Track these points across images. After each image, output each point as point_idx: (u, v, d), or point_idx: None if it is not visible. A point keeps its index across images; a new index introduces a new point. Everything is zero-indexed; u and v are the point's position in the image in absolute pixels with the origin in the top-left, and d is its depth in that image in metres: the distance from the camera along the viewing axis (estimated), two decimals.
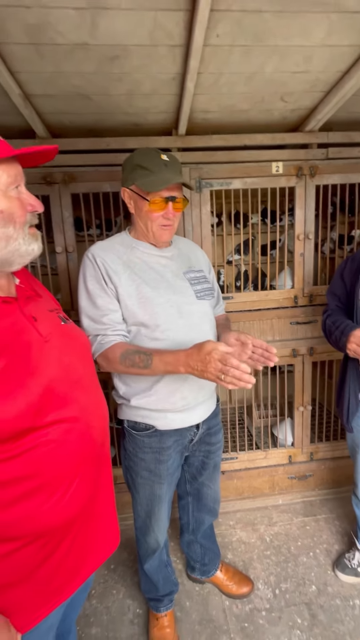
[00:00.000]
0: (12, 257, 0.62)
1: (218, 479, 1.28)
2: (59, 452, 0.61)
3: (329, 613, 1.30)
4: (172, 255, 1.07)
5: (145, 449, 1.04)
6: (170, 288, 1.00)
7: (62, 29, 0.86)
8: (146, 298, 0.97)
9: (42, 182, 1.38)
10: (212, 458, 1.20)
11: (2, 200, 0.59)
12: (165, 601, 1.25)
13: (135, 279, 0.98)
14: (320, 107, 1.31)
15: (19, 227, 0.62)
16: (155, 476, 1.06)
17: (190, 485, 1.26)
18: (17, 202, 0.61)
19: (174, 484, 1.14)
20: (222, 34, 0.91)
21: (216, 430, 1.18)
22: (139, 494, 1.10)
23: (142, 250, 1.03)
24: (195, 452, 1.17)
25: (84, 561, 0.69)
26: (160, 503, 1.10)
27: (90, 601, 1.39)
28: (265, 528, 1.68)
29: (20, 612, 0.61)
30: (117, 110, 1.27)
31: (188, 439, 1.10)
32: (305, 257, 1.58)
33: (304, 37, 0.94)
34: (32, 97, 1.15)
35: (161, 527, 1.15)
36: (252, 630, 1.26)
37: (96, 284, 0.97)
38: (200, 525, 1.32)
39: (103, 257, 0.97)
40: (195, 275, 1.08)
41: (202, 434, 1.13)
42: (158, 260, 1.04)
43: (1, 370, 0.56)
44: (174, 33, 0.89)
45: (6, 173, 0.59)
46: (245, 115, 1.36)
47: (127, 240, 1.04)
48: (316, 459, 1.80)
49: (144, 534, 1.16)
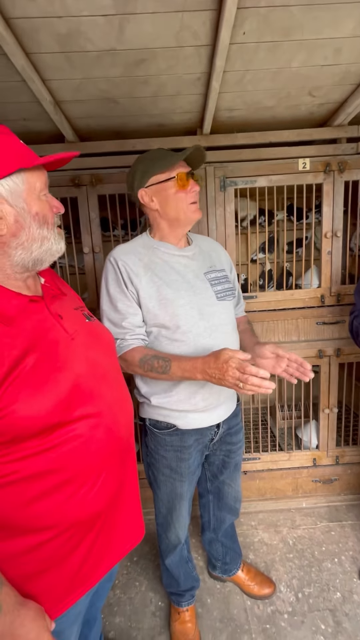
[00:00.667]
0: (45, 256, 0.67)
1: (239, 478, 1.28)
2: (87, 447, 0.63)
3: (354, 621, 1.27)
4: (193, 255, 1.07)
5: (166, 447, 1.06)
6: (191, 289, 1.01)
7: (92, 36, 0.88)
8: (167, 300, 0.97)
9: (71, 184, 1.43)
10: (233, 457, 1.20)
11: (38, 203, 0.64)
12: (186, 596, 1.27)
13: (156, 281, 0.99)
14: (350, 100, 1.26)
15: (51, 227, 0.66)
16: (176, 474, 1.08)
17: (211, 484, 1.27)
18: (47, 206, 0.66)
19: (194, 481, 1.15)
20: (249, 31, 0.90)
21: (237, 430, 1.18)
22: (160, 490, 1.12)
23: (163, 251, 1.04)
24: (216, 451, 1.17)
25: (109, 551, 0.71)
26: (181, 500, 1.12)
27: (114, 591, 1.43)
28: (288, 530, 1.66)
29: (51, 599, 0.63)
30: (142, 112, 1.29)
31: (209, 437, 1.10)
32: (333, 255, 1.54)
33: (333, 29, 0.92)
34: (62, 104, 1.19)
35: (182, 523, 1.16)
36: (273, 632, 1.25)
37: (117, 288, 0.99)
38: (221, 523, 1.33)
39: (125, 260, 0.99)
40: (216, 276, 1.07)
41: (222, 434, 1.13)
42: (179, 260, 1.04)
43: (31, 367, 0.58)
44: (200, 33, 0.89)
45: (39, 180, 0.64)
46: (271, 111, 1.34)
47: (148, 242, 1.06)
48: (342, 463, 1.75)
49: (165, 530, 1.18)
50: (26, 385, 0.57)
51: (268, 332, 1.62)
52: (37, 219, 0.63)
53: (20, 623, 0.55)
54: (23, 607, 0.57)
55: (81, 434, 0.62)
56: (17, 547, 0.60)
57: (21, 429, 0.56)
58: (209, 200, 1.48)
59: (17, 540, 0.60)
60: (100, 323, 0.82)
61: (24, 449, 0.58)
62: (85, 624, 0.92)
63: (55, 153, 0.65)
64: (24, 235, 0.62)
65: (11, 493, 0.58)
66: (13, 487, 0.58)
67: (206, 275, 1.06)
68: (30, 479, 0.59)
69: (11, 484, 0.58)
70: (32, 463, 0.58)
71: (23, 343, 0.59)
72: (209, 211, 1.49)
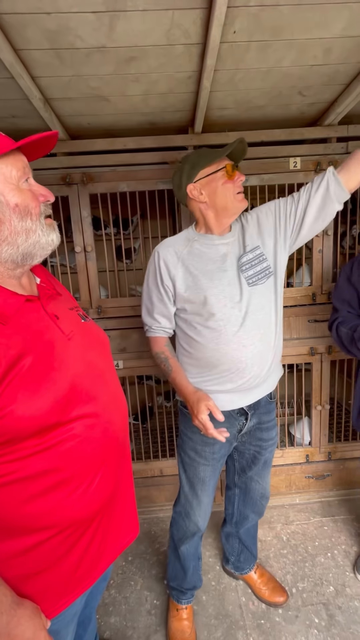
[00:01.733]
0: (34, 250, 0.63)
1: (268, 476, 1.27)
2: (83, 447, 0.63)
3: (347, 614, 1.29)
4: (232, 241, 1.09)
5: (193, 429, 1.10)
6: (225, 278, 1.04)
7: (82, 33, 0.87)
8: (201, 289, 1.03)
9: (62, 182, 1.42)
10: (264, 454, 1.20)
11: (16, 194, 0.59)
12: (188, 594, 1.28)
13: (193, 271, 1.05)
14: (340, 99, 1.27)
15: (36, 218, 0.62)
16: (200, 457, 1.11)
17: (239, 478, 1.28)
18: (29, 194, 0.62)
19: (218, 469, 1.16)
20: (239, 30, 0.90)
21: (269, 427, 1.18)
22: (185, 473, 1.16)
23: (202, 242, 1.08)
24: (246, 444, 1.19)
25: (105, 550, 0.71)
26: (203, 485, 1.14)
27: (109, 591, 1.43)
28: (282, 526, 1.68)
29: (48, 599, 0.63)
30: (134, 111, 1.28)
31: (237, 428, 1.12)
32: (324, 254, 1.56)
33: (323, 29, 0.92)
34: (51, 101, 1.18)
35: (202, 510, 1.17)
36: (268, 627, 1.26)
37: (153, 282, 1.09)
38: (243, 520, 1.33)
39: (164, 254, 1.07)
40: (248, 258, 1.06)
41: (252, 427, 1.14)
42: (218, 250, 1.07)
43: (29, 367, 0.57)
44: (191, 31, 0.89)
45: (15, 167, 0.60)
46: (262, 110, 1.35)
47: (191, 235, 1.11)
48: (334, 459, 1.77)
49: (184, 516, 1.19)
50: (24, 386, 0.56)
51: None
52: (17, 211, 0.59)
53: (16, 622, 0.55)
54: (19, 607, 0.57)
55: (78, 433, 0.62)
56: (14, 548, 0.60)
57: (19, 430, 0.56)
58: None
59: (14, 541, 0.60)
60: (95, 323, 0.81)
61: (21, 449, 0.57)
62: (79, 624, 0.91)
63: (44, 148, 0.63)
64: (6, 229, 0.59)
65: (8, 493, 0.58)
66: (10, 487, 0.58)
67: (239, 260, 1.06)
68: (27, 479, 0.58)
69: (8, 484, 0.58)
70: (29, 463, 0.58)
71: (20, 343, 0.58)
72: None
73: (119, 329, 1.58)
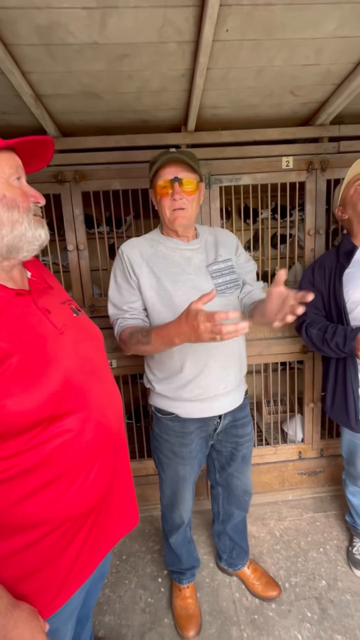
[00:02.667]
0: (20, 243, 0.63)
1: (248, 471, 1.29)
2: (78, 442, 0.63)
3: (339, 607, 1.31)
4: (198, 248, 1.09)
5: (169, 432, 1.11)
6: (190, 281, 1.03)
7: (73, 29, 0.87)
8: (165, 291, 1.02)
9: (53, 180, 1.41)
10: (241, 450, 1.21)
11: (5, 187, 0.61)
12: (187, 574, 1.33)
13: (156, 272, 1.03)
14: (331, 100, 1.29)
15: (23, 211, 0.63)
16: (178, 457, 1.12)
17: (220, 475, 1.29)
18: (19, 191, 0.63)
19: (197, 466, 1.18)
20: (232, 28, 0.90)
21: (244, 423, 1.19)
22: (164, 473, 1.17)
23: (167, 245, 1.08)
24: (222, 442, 1.20)
25: (101, 544, 0.71)
26: (184, 483, 1.16)
27: (103, 590, 1.42)
28: (275, 523, 1.69)
29: (45, 597, 0.63)
30: (127, 108, 1.28)
31: (212, 427, 1.14)
32: (316, 253, 1.57)
33: (314, 29, 0.93)
34: (43, 97, 1.16)
35: (185, 505, 1.21)
36: (262, 622, 1.28)
37: (123, 277, 1.06)
38: (229, 517, 1.35)
39: (129, 252, 1.05)
40: (219, 267, 1.08)
41: (227, 425, 1.16)
42: (182, 254, 1.07)
43: (20, 362, 0.57)
44: (183, 29, 0.89)
45: (7, 164, 0.62)
46: (255, 110, 1.35)
47: (156, 237, 1.10)
48: (326, 456, 1.80)
49: (170, 510, 1.23)
50: (15, 381, 0.56)
51: (254, 329, 1.64)
52: (4, 202, 0.60)
53: (13, 625, 0.54)
54: (16, 609, 0.56)
55: (71, 428, 0.62)
56: (8, 547, 0.59)
57: (11, 425, 0.55)
58: None
59: (10, 540, 0.59)
60: (87, 317, 0.80)
61: (14, 446, 0.57)
62: (77, 622, 0.91)
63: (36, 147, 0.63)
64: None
65: (2, 491, 0.57)
66: (4, 485, 0.57)
67: (208, 267, 1.07)
68: (21, 476, 0.58)
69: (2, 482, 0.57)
70: (23, 459, 0.57)
71: (10, 338, 0.58)
72: None
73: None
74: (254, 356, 1.63)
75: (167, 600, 1.38)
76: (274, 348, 1.63)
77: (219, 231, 1.19)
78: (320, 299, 1.34)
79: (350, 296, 1.23)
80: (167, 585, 1.44)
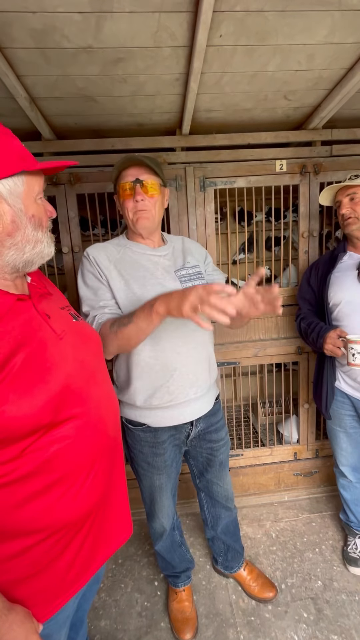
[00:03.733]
0: (35, 259, 0.66)
1: (227, 477, 1.29)
2: (75, 447, 0.63)
3: (334, 608, 1.31)
4: (166, 254, 1.09)
5: (142, 443, 1.10)
6: (158, 285, 1.02)
7: (68, 33, 0.87)
8: (134, 294, 1.00)
9: (48, 182, 1.40)
10: (217, 455, 1.21)
11: (34, 206, 0.64)
12: (182, 577, 1.33)
13: (125, 275, 1.02)
14: (323, 104, 1.31)
15: (45, 230, 0.67)
16: (153, 468, 1.11)
17: (200, 481, 1.29)
18: (42, 209, 0.67)
19: (174, 474, 1.17)
20: (225, 34, 0.91)
21: (217, 428, 1.19)
22: (142, 482, 1.17)
23: (134, 250, 1.06)
24: (196, 448, 1.19)
25: (98, 551, 0.71)
26: (161, 492, 1.15)
27: (99, 595, 1.41)
28: (271, 524, 1.70)
29: (40, 602, 0.63)
30: (122, 112, 1.28)
31: (184, 434, 1.13)
32: (309, 255, 1.59)
33: (306, 36, 0.95)
34: (37, 100, 1.17)
35: (165, 513, 1.19)
36: (258, 623, 1.28)
37: (93, 277, 1.02)
38: (217, 520, 1.34)
39: (95, 255, 1.03)
40: (187, 272, 1.08)
41: (200, 432, 1.15)
42: (149, 259, 1.06)
43: (20, 367, 0.57)
44: (178, 34, 0.90)
45: (38, 184, 0.65)
46: (249, 114, 1.37)
47: (123, 242, 1.09)
48: (322, 456, 1.81)
49: (150, 519, 1.23)
50: (15, 386, 0.56)
51: (249, 330, 1.65)
52: (33, 221, 0.64)
53: (8, 628, 0.55)
54: (11, 612, 0.56)
55: (70, 434, 0.62)
56: (5, 552, 0.59)
57: (11, 430, 0.55)
58: (189, 200, 1.49)
59: (5, 545, 0.59)
60: (86, 323, 0.81)
61: (13, 451, 0.57)
62: (71, 627, 0.90)
63: (34, 151, 0.64)
64: (19, 235, 0.62)
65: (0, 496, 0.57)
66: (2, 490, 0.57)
67: (177, 272, 1.07)
68: (19, 482, 0.58)
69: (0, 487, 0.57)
70: (21, 465, 0.57)
71: (10, 342, 0.58)
72: (189, 211, 1.50)
73: None
74: (249, 358, 1.64)
75: (164, 604, 1.37)
76: (269, 350, 1.64)
77: (187, 240, 1.20)
78: (314, 297, 1.42)
79: (332, 298, 1.29)
80: (164, 588, 1.43)
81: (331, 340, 1.22)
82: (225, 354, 1.63)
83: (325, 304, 1.31)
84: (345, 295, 1.25)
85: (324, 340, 1.25)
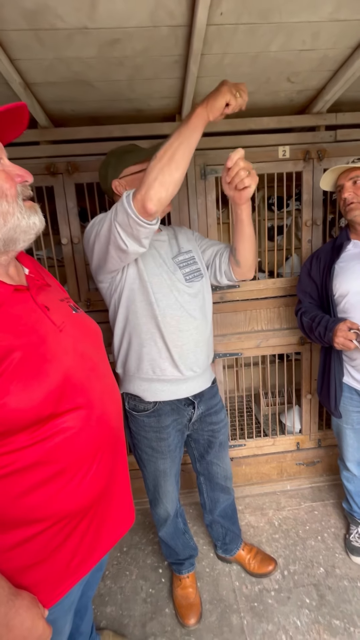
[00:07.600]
0: (16, 234, 0.60)
1: (226, 457, 1.32)
2: (78, 438, 0.62)
3: (337, 594, 1.33)
4: (164, 240, 1.13)
5: (146, 428, 1.12)
6: (164, 265, 1.07)
7: (61, 13, 0.83)
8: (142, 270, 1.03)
9: (46, 172, 1.38)
10: (217, 437, 1.25)
11: None
12: (186, 564, 1.35)
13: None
14: (328, 86, 1.26)
15: (12, 200, 0.59)
16: (157, 453, 1.14)
17: (200, 464, 1.32)
18: (2, 175, 0.58)
19: (177, 458, 1.20)
20: (226, 11, 0.87)
21: (217, 410, 1.24)
22: (146, 469, 1.19)
23: None
24: (198, 431, 1.23)
25: (101, 539, 0.72)
26: (165, 477, 1.18)
27: (104, 582, 1.44)
28: (274, 513, 1.71)
29: (45, 589, 0.64)
30: (119, 97, 1.24)
31: (187, 418, 1.17)
32: (312, 244, 1.56)
33: (311, 12, 0.91)
34: (32, 86, 1.13)
35: (169, 498, 1.22)
36: (261, 609, 1.30)
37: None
38: (216, 503, 1.37)
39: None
40: (184, 258, 1.13)
41: (201, 414, 1.19)
42: (153, 244, 1.09)
43: (20, 359, 0.56)
44: (176, 12, 0.86)
45: None
46: (251, 97, 1.32)
47: None
48: (324, 446, 1.81)
49: (154, 505, 1.25)
50: (16, 378, 0.55)
51: (251, 320, 1.64)
52: None
53: (15, 613, 0.55)
54: (17, 598, 0.57)
55: (72, 425, 0.62)
56: (9, 541, 0.60)
57: (12, 422, 0.55)
58: (190, 189, 1.46)
59: (10, 534, 0.60)
60: (86, 315, 0.79)
61: (15, 442, 0.57)
62: (76, 613, 0.92)
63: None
64: None
65: (3, 486, 0.57)
66: (5, 480, 0.57)
67: (174, 259, 1.11)
68: (22, 472, 0.58)
69: (3, 477, 0.57)
70: (23, 455, 0.58)
71: (10, 335, 0.57)
72: (190, 200, 1.47)
73: (107, 322, 1.56)
74: (252, 348, 1.63)
75: (168, 591, 1.40)
76: (271, 340, 1.63)
77: (178, 228, 1.23)
78: (316, 290, 1.37)
79: (338, 289, 1.25)
80: (168, 575, 1.46)
81: (342, 332, 1.16)
82: (228, 345, 1.62)
83: (330, 295, 1.27)
84: (352, 286, 1.21)
85: (333, 333, 1.19)
